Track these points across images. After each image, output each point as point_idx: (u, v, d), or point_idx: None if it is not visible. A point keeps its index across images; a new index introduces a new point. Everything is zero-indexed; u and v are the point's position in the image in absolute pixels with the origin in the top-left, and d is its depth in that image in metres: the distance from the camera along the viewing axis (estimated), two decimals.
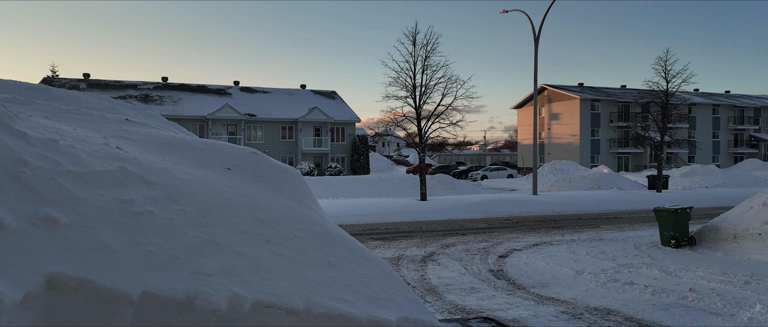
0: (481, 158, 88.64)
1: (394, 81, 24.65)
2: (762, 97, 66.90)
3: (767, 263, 10.89)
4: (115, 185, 2.79)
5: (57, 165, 2.72)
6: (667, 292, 8.70)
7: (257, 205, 3.30)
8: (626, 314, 7.68)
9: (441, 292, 8.98)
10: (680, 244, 12.90)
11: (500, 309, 7.93)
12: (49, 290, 2.00)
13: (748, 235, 12.20)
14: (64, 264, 2.11)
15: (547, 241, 14.02)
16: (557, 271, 10.52)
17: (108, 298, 2.05)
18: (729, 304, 8.01)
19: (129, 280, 2.13)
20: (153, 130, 4.83)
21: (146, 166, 3.23)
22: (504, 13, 28.38)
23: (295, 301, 2.33)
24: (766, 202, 12.61)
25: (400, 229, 16.33)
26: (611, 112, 54.66)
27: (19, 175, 2.50)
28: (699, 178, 39.98)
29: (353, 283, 2.68)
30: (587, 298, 8.54)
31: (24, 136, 2.87)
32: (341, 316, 2.36)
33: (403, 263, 11.25)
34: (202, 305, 2.14)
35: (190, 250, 2.47)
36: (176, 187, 3.05)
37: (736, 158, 59.11)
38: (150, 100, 45.09)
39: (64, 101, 5.45)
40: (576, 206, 22.57)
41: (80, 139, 3.44)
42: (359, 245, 3.38)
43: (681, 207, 13.20)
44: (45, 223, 2.30)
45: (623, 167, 54.94)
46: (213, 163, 4.02)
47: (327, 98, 53.54)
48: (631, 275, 10.00)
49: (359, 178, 33.80)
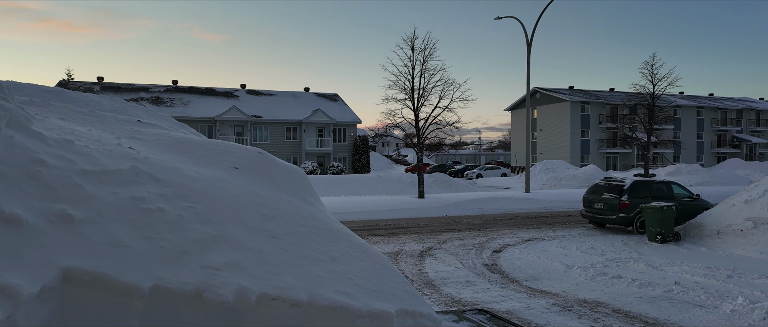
0: (476, 158, 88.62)
1: (393, 84, 24.66)
2: (744, 99, 66.89)
3: (749, 258, 10.89)
4: (128, 183, 2.79)
5: (72, 164, 2.72)
6: (653, 286, 8.70)
7: (263, 203, 3.29)
8: (614, 306, 7.68)
9: (438, 285, 8.98)
10: (666, 240, 12.90)
11: (494, 301, 7.93)
12: (65, 283, 2.00)
13: (730, 231, 12.20)
14: (79, 258, 2.11)
15: (539, 237, 14.02)
16: (549, 265, 10.52)
17: (121, 291, 2.05)
18: (712, 296, 8.01)
19: (141, 273, 2.13)
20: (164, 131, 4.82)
21: (157, 166, 3.22)
22: (498, 19, 28.37)
23: (299, 294, 2.33)
24: (747, 199, 12.61)
25: (399, 226, 16.33)
26: (600, 113, 54.65)
27: (37, 174, 2.50)
28: (684, 176, 39.94)
29: (354, 276, 2.68)
30: (577, 291, 8.54)
31: (41, 137, 2.86)
32: (343, 308, 2.36)
33: (402, 258, 11.25)
34: (210, 298, 2.14)
35: (199, 245, 2.47)
36: (186, 185, 3.05)
37: (719, 158, 59.09)
38: (161, 103, 45.05)
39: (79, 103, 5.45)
40: (567, 203, 22.57)
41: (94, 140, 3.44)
42: (360, 240, 3.38)
43: (666, 204, 13.20)
44: (61, 219, 2.30)
45: (612, 166, 54.92)
46: (221, 163, 4.02)
47: (329, 100, 53.50)
48: (619, 269, 10.01)
49: (360, 177, 33.76)
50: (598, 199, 15.51)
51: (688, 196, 15.52)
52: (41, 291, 1.88)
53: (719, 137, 60.36)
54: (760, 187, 12.91)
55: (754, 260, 10.64)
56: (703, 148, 59.24)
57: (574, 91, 57.76)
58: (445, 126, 25.04)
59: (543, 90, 56.66)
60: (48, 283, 1.92)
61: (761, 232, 11.66)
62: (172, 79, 55.98)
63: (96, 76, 48.21)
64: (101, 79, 47.83)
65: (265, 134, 47.06)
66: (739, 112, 61.42)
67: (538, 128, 56.98)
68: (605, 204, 15.15)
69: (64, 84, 41.11)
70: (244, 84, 53.08)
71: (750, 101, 65.43)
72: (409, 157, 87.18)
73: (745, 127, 61.64)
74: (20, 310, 1.77)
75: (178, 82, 50.29)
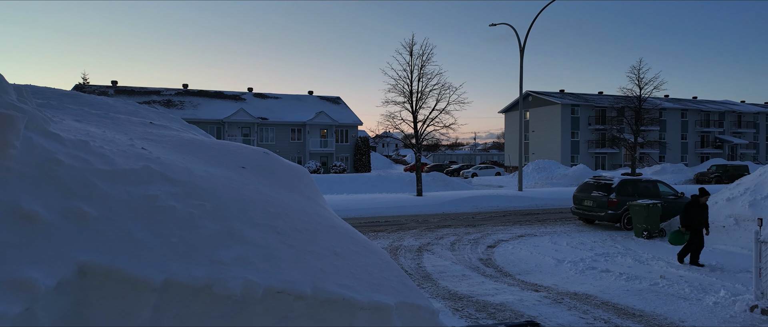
0: (471, 158, 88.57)
1: (393, 87, 24.66)
2: (726, 102, 66.86)
3: (731, 252, 10.89)
4: (141, 182, 2.79)
5: (88, 164, 2.71)
6: (639, 279, 8.70)
7: (269, 200, 3.29)
8: (603, 299, 7.67)
9: (435, 278, 8.97)
10: (652, 236, 12.90)
11: (489, 294, 7.92)
12: (81, 277, 2.01)
13: (713, 228, 12.20)
14: (94, 253, 2.11)
15: (531, 233, 14.02)
16: (540, 260, 10.52)
17: (134, 285, 2.05)
18: (696, 289, 8.01)
19: (153, 268, 2.13)
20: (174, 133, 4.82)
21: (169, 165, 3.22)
22: (493, 26, 28.35)
23: (303, 287, 2.33)
24: (729, 197, 12.61)
25: (398, 222, 16.32)
26: (589, 116, 54.62)
27: (53, 173, 2.50)
28: (669, 175, 39.95)
29: (356, 271, 2.68)
30: (567, 285, 8.54)
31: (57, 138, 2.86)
32: (345, 301, 2.36)
33: (401, 252, 11.24)
34: (219, 291, 2.14)
35: (209, 241, 2.47)
36: (196, 184, 3.05)
37: (703, 157, 59.06)
38: (172, 105, 45.02)
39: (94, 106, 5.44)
40: (558, 201, 22.57)
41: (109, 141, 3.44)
42: (361, 236, 3.38)
43: (653, 202, 13.20)
44: (77, 216, 2.30)
45: (600, 166, 54.88)
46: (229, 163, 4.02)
47: (332, 103, 53.46)
48: (608, 264, 10.01)
49: (361, 176, 33.72)
50: (587, 197, 15.51)
51: (673, 195, 15.52)
52: (58, 284, 1.88)
53: (702, 138, 60.34)
54: (741, 185, 12.91)
55: (736, 254, 10.64)
56: (688, 149, 59.21)
57: (564, 95, 57.72)
58: (442, 127, 25.03)
59: (535, 93, 56.64)
60: (65, 276, 1.92)
61: (742, 228, 11.66)
62: (183, 82, 55.85)
63: (110, 80, 48.17)
64: (115, 82, 47.79)
65: (271, 135, 47.02)
66: (721, 114, 61.40)
67: (531, 129, 56.96)
68: (594, 202, 15.15)
69: (80, 87, 41.09)
70: (251, 87, 53.03)
71: (732, 104, 65.42)
72: (408, 157, 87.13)
73: (727, 129, 61.63)
74: (39, 302, 1.78)
75: (188, 85, 50.25)
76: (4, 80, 3.01)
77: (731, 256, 10.58)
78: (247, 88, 53.22)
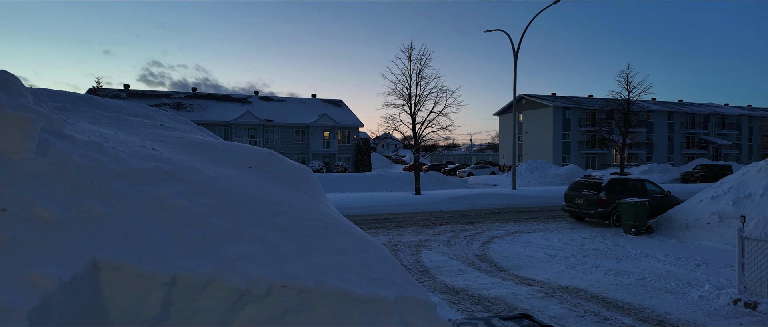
0: (467, 158, 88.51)
1: (392, 91, 24.69)
2: (711, 104, 66.83)
3: (715, 249, 10.89)
4: (151, 182, 2.79)
5: (101, 164, 2.71)
6: (628, 274, 8.70)
7: (274, 199, 3.29)
8: (593, 293, 7.67)
9: (433, 273, 8.97)
10: (640, 232, 12.90)
11: (484, 288, 7.92)
12: (94, 272, 2.01)
13: (698, 225, 12.20)
14: (107, 250, 2.11)
15: (524, 230, 14.02)
16: (533, 255, 10.51)
17: (144, 279, 2.06)
18: (682, 284, 8.00)
19: (163, 263, 2.13)
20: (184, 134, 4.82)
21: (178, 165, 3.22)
22: (488, 32, 28.33)
23: (307, 282, 2.33)
24: (714, 196, 12.60)
25: (397, 219, 16.32)
26: (580, 117, 54.61)
27: (68, 173, 2.50)
28: (656, 175, 39.92)
29: (357, 266, 2.67)
30: (559, 279, 8.53)
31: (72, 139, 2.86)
32: (347, 295, 2.36)
33: (400, 248, 11.24)
34: (225, 286, 2.14)
35: (216, 238, 2.47)
36: (204, 183, 3.05)
37: (688, 158, 59.02)
38: (181, 108, 45.01)
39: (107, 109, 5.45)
40: (550, 199, 22.55)
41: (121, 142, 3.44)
42: (362, 233, 3.38)
43: (640, 200, 13.19)
44: (90, 214, 2.30)
45: (591, 166, 54.85)
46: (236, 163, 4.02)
47: (334, 106, 53.45)
48: (597, 259, 10.00)
49: (362, 175, 33.71)
50: (578, 195, 15.50)
51: (660, 193, 15.51)
52: (73, 279, 1.88)
53: (688, 139, 60.32)
54: (725, 184, 12.90)
55: (720, 251, 10.64)
56: (674, 149, 59.19)
57: (556, 98, 57.71)
58: (439, 129, 25.02)
59: (528, 96, 56.62)
60: (79, 272, 1.93)
61: (726, 225, 11.65)
62: (192, 86, 55.86)
63: (123, 84, 48.15)
64: (127, 86, 47.80)
65: (276, 137, 47.02)
66: (706, 117, 61.39)
67: (524, 131, 56.94)
68: (585, 200, 15.15)
69: (94, 91, 41.07)
70: (257, 91, 53.04)
71: (716, 107, 65.40)
72: (407, 157, 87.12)
73: (712, 130, 61.61)
74: (54, 296, 1.78)
75: (197, 89, 50.27)
76: (21, 84, 3.01)
77: (715, 251, 10.58)
78: (254, 91, 53.22)
